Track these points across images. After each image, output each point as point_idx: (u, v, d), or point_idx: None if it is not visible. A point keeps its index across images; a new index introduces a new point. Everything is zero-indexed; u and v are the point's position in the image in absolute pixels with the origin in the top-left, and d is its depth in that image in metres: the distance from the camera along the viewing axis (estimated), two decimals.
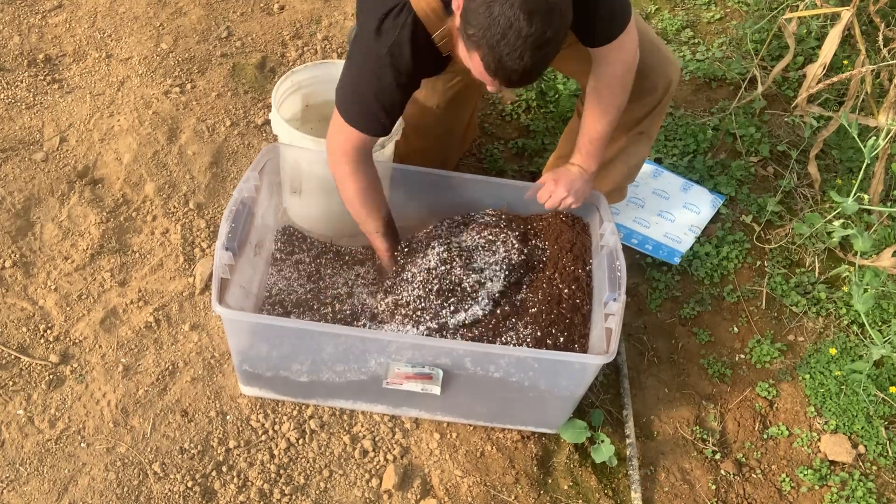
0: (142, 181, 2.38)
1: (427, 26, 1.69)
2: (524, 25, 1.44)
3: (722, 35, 3.13)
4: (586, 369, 1.80)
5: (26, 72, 2.63)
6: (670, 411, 2.15)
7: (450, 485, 1.91)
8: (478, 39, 1.50)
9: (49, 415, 1.91)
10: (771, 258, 2.46)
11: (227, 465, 1.88)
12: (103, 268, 2.19)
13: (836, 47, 2.32)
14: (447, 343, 1.81)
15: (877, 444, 2.10)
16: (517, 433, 2.01)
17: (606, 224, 2.01)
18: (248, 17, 2.97)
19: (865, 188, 2.44)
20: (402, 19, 1.68)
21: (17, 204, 2.28)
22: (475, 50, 1.53)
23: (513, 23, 1.44)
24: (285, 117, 2.32)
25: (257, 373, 1.90)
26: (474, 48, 1.53)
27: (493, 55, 1.49)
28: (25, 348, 2.02)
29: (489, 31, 1.47)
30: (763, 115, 2.85)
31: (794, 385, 2.22)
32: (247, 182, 1.93)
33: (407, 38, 1.69)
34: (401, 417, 2.00)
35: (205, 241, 2.28)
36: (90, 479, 1.82)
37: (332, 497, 1.87)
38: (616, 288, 1.83)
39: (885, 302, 2.32)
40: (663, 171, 2.56)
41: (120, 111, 2.55)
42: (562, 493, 1.95)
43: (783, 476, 2.05)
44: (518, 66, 1.50)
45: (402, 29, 1.69)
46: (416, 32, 1.69)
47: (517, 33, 1.45)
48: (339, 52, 2.91)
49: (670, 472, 2.03)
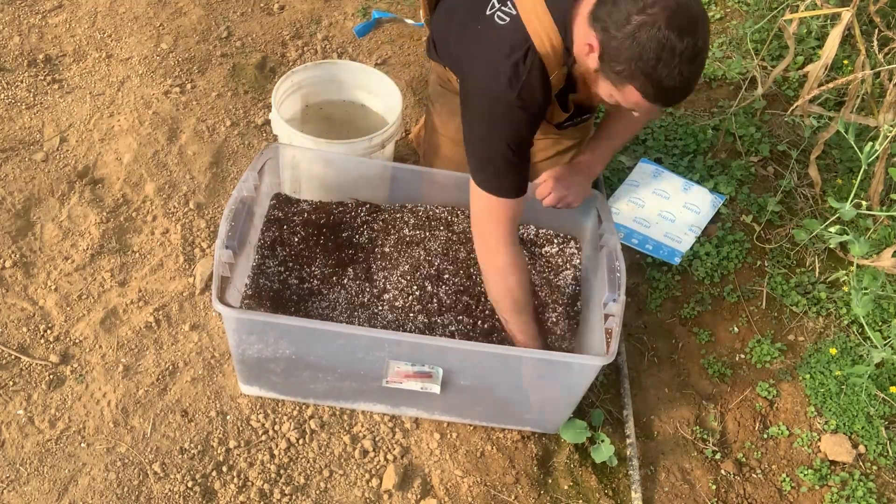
0: (142, 181, 2.38)
1: (548, 66, 1.67)
2: (676, 42, 1.43)
3: (722, 35, 3.13)
4: (586, 371, 1.80)
5: (26, 72, 2.63)
6: (670, 411, 2.15)
7: (450, 485, 1.91)
8: (631, 72, 1.48)
9: (49, 415, 1.91)
10: (771, 258, 2.46)
11: (228, 465, 1.88)
12: (103, 268, 2.19)
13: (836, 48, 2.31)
14: (447, 343, 1.80)
15: (877, 443, 2.10)
16: (517, 433, 2.01)
17: (606, 224, 2.01)
18: (248, 17, 2.97)
19: (866, 188, 2.44)
20: (529, 60, 1.66)
21: (17, 204, 2.28)
22: (629, 83, 1.51)
23: (664, 44, 1.43)
24: (285, 117, 2.32)
25: (257, 372, 1.90)
26: (627, 81, 1.51)
27: (652, 81, 1.48)
28: (25, 348, 2.02)
29: (642, 60, 1.45)
30: (763, 115, 2.85)
31: (795, 385, 2.22)
32: (246, 182, 1.92)
33: (537, 80, 1.67)
34: (401, 417, 2.00)
35: (205, 241, 2.28)
36: (90, 479, 1.82)
37: (332, 497, 1.87)
38: (616, 288, 1.83)
39: (885, 302, 2.32)
40: (663, 171, 2.56)
41: (120, 111, 2.55)
42: (562, 493, 1.95)
43: (783, 476, 2.05)
44: (679, 84, 1.49)
45: (532, 71, 1.66)
46: (543, 73, 1.68)
47: (671, 52, 1.43)
48: (339, 53, 2.91)
49: (670, 472, 2.03)
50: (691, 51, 1.45)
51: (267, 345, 1.81)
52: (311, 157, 2.14)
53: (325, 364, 1.85)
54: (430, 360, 1.81)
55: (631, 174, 2.56)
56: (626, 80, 1.51)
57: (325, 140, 2.17)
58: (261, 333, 1.79)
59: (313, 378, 1.89)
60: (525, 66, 1.66)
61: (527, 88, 1.67)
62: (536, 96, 1.69)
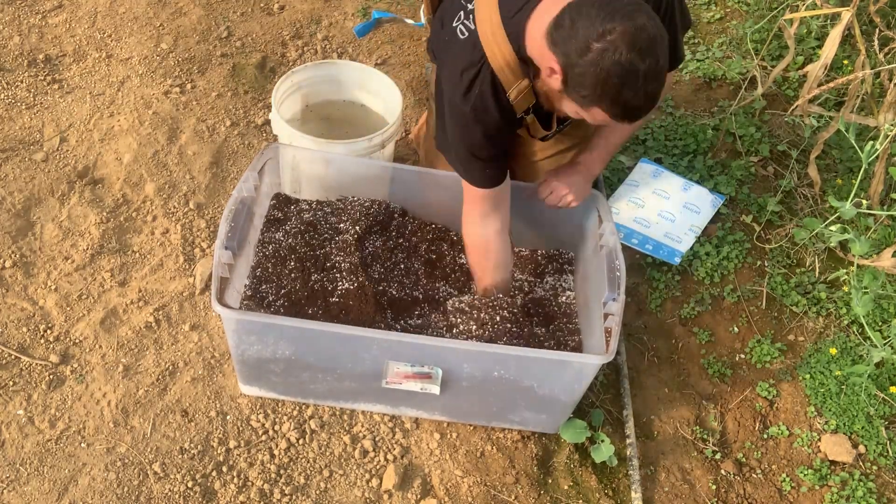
0: (142, 181, 2.38)
1: (504, 81, 1.70)
2: (639, 65, 1.45)
3: (722, 35, 3.13)
4: (586, 369, 1.80)
5: (26, 72, 2.63)
6: (670, 411, 2.15)
7: (450, 485, 1.91)
8: (597, 96, 1.51)
9: (49, 415, 1.91)
10: (771, 258, 2.46)
11: (228, 465, 1.88)
12: (103, 268, 2.19)
13: (836, 48, 2.31)
14: (447, 343, 1.80)
15: (877, 443, 2.10)
16: (517, 433, 2.01)
17: (606, 224, 2.01)
18: (248, 17, 2.97)
19: (866, 188, 2.44)
20: (482, 75, 1.70)
21: (17, 204, 2.28)
22: (595, 105, 1.54)
23: (627, 68, 1.45)
24: (285, 117, 2.32)
25: (257, 372, 1.90)
26: (594, 104, 1.54)
27: (618, 103, 1.51)
28: (25, 348, 2.02)
29: (606, 85, 1.48)
30: (763, 115, 2.85)
31: (795, 385, 2.22)
32: (246, 182, 1.92)
33: (489, 96, 1.72)
34: (401, 417, 2.00)
35: (205, 241, 2.28)
36: (90, 480, 1.82)
37: (332, 497, 1.87)
38: (616, 288, 1.83)
39: (885, 302, 2.32)
40: (663, 171, 2.56)
41: (120, 111, 2.55)
42: (562, 493, 1.95)
43: (783, 476, 2.05)
44: (643, 103, 1.52)
45: (483, 87, 1.71)
46: (496, 89, 1.71)
47: (634, 75, 1.46)
48: (339, 52, 2.91)
49: (670, 472, 2.03)
50: (654, 70, 1.48)
51: (266, 345, 1.81)
52: (311, 157, 2.14)
53: (324, 364, 1.85)
54: (429, 360, 1.81)
55: (631, 174, 2.56)
56: (591, 103, 1.55)
57: (325, 140, 2.17)
58: (260, 334, 1.79)
59: (313, 378, 1.89)
60: (478, 82, 1.70)
61: (479, 103, 1.72)
62: (490, 111, 1.73)
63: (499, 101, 1.73)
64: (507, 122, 1.78)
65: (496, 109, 1.73)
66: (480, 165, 1.83)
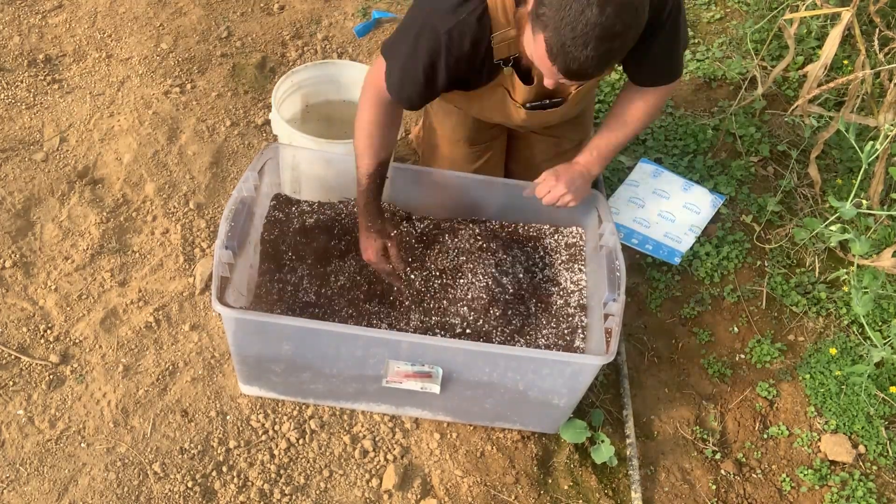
0: (142, 181, 2.38)
1: (493, 22, 1.67)
2: (595, 13, 1.42)
3: (722, 35, 3.13)
4: (586, 370, 1.80)
5: (26, 72, 2.63)
6: (670, 411, 2.15)
7: (450, 485, 1.91)
8: (547, 20, 1.47)
9: (49, 415, 1.91)
10: (771, 258, 2.46)
11: (228, 465, 1.88)
12: (103, 268, 2.19)
13: (836, 48, 2.31)
14: (447, 343, 1.80)
15: (877, 443, 2.10)
16: (517, 433, 2.01)
17: (606, 224, 2.01)
18: (248, 17, 2.97)
19: (866, 188, 2.44)
20: (473, 5, 1.66)
21: (17, 204, 2.28)
22: (541, 31, 1.50)
23: (584, 9, 1.42)
24: (285, 117, 2.32)
25: (257, 372, 1.90)
26: (541, 29, 1.50)
27: (558, 38, 1.47)
28: (25, 348, 2.02)
29: (560, 13, 1.45)
30: (763, 115, 2.85)
31: (795, 385, 2.22)
32: (246, 182, 1.92)
33: (472, 27, 1.67)
34: (401, 417, 2.00)
35: (205, 241, 2.28)
36: (90, 480, 1.82)
37: (332, 497, 1.87)
38: (616, 288, 1.83)
39: (885, 302, 2.32)
40: (663, 171, 2.56)
41: (120, 111, 2.55)
42: (562, 493, 1.95)
43: (783, 476, 2.05)
44: (580, 55, 1.47)
45: (470, 14, 1.66)
46: (481, 23, 1.67)
47: (586, 20, 1.43)
48: (339, 52, 2.91)
49: (670, 472, 2.03)
50: (607, 30, 1.44)
51: (267, 345, 1.81)
52: (311, 157, 2.14)
53: (324, 364, 1.85)
54: (429, 360, 1.81)
55: (631, 174, 2.56)
56: (540, 27, 1.51)
57: (325, 140, 2.17)
58: (260, 334, 1.79)
59: (313, 378, 1.89)
60: (466, 7, 1.66)
61: (458, 30, 1.67)
62: (465, 43, 1.69)
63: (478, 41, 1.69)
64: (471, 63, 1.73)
65: (470, 48, 1.69)
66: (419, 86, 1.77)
